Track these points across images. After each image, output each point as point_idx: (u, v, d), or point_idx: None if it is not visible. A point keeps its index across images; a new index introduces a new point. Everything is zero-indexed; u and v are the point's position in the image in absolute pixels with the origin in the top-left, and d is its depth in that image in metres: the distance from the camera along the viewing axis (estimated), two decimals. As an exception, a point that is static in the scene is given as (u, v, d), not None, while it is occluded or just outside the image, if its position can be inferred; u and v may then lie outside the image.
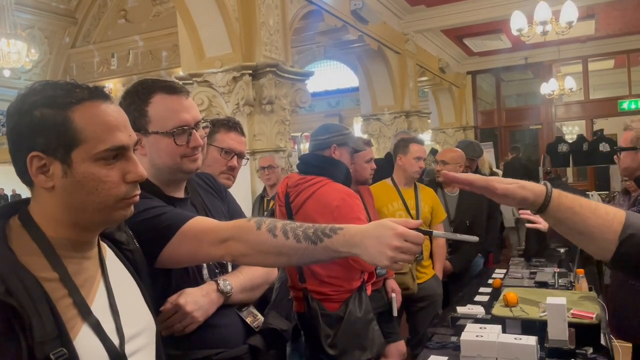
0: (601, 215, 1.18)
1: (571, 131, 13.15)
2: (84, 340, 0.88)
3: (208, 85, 4.32)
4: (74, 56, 10.07)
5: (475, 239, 1.18)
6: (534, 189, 1.19)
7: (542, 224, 2.47)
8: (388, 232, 1.08)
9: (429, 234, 1.14)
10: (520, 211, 2.63)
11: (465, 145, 4.21)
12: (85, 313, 0.90)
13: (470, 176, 1.20)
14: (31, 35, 9.11)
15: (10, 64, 7.91)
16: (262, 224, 1.18)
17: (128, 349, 0.95)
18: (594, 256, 1.24)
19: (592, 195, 6.94)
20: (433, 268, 3.40)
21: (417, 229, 1.10)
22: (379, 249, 1.08)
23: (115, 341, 0.93)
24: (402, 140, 3.58)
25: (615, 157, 2.47)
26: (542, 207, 1.18)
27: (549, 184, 1.21)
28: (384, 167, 3.50)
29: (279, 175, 4.04)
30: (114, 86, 9.57)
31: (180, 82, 2.29)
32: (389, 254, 1.08)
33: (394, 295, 2.88)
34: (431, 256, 3.42)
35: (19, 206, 0.96)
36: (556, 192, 1.19)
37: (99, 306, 0.94)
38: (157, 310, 1.28)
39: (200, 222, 1.26)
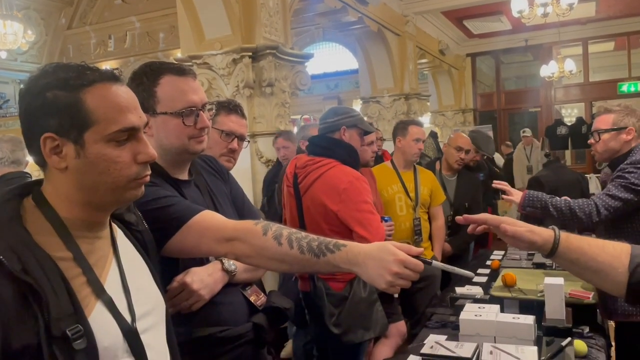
0: (609, 251, 1.22)
1: (570, 114, 13.13)
2: (98, 317, 0.91)
3: (208, 67, 4.31)
4: (70, 37, 9.96)
5: (471, 274, 1.24)
6: (542, 233, 1.24)
7: (514, 196, 2.51)
8: (390, 257, 1.12)
9: (428, 263, 1.18)
10: (495, 182, 2.66)
11: (484, 139, 4.11)
12: (99, 291, 0.93)
13: (484, 216, 1.28)
14: (27, 17, 8.98)
15: (7, 46, 7.84)
16: (268, 230, 1.21)
17: (140, 327, 0.97)
18: (612, 294, 1.27)
19: (590, 177, 6.97)
20: (432, 249, 3.43)
21: (417, 257, 1.14)
22: (379, 272, 1.12)
23: (128, 319, 0.95)
24: (401, 122, 3.61)
25: (591, 140, 2.50)
26: (552, 251, 1.23)
27: (557, 228, 1.24)
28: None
29: None
30: (111, 68, 9.50)
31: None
32: (387, 279, 1.12)
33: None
34: (430, 238, 3.45)
35: (32, 187, 0.97)
36: (564, 235, 1.23)
37: (111, 285, 0.96)
38: (166, 289, 1.31)
39: (207, 218, 1.28)
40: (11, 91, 9.69)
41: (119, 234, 1.06)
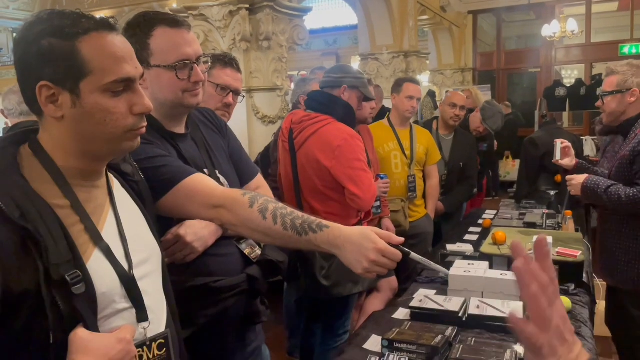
0: None
1: (570, 75, 13.00)
2: (96, 264, 0.93)
3: (204, 19, 4.22)
4: (63, -15, 9.68)
5: (446, 272, 1.28)
6: None
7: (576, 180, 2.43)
8: (370, 245, 1.15)
9: (407, 253, 1.21)
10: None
11: (492, 113, 3.99)
12: (97, 238, 0.95)
13: None
14: (18, -38, 8.72)
15: (-2, -7, 7.63)
16: (255, 202, 1.23)
17: (136, 274, 1.00)
18: None
19: (586, 140, 6.99)
20: (425, 207, 3.48)
21: (396, 247, 1.17)
22: (357, 258, 1.16)
23: (125, 266, 0.98)
24: (398, 79, 3.62)
25: (598, 103, 2.46)
26: None
27: None
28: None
29: None
30: (107, 17, 9.25)
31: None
32: (364, 265, 1.16)
33: (388, 233, 2.96)
34: (424, 196, 3.49)
35: (28, 135, 0.98)
36: None
37: (108, 233, 0.98)
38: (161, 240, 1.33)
39: (197, 182, 1.30)
40: (4, 40, 9.48)
41: (115, 184, 1.08)
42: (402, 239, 1.21)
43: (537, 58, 11.59)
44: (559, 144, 2.53)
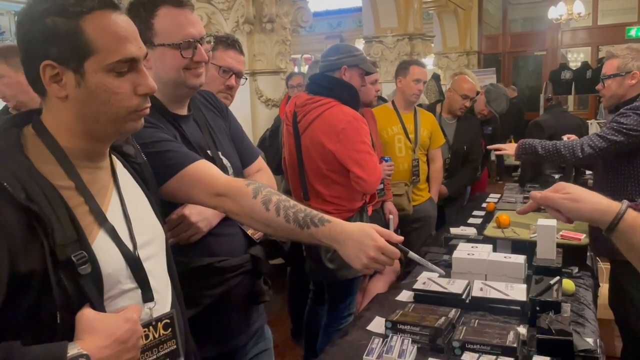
0: None
1: (576, 58, 12.87)
2: (101, 244, 0.93)
3: (207, 1, 4.19)
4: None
5: (441, 272, 1.34)
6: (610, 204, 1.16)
7: (509, 149, 2.67)
8: (370, 242, 1.17)
9: (405, 252, 1.24)
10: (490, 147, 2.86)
11: (497, 96, 3.89)
12: (101, 220, 0.95)
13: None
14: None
15: (0, -25, 7.58)
16: (258, 193, 1.24)
17: (141, 255, 1.00)
18: None
19: (591, 123, 6.94)
20: (429, 191, 3.47)
21: (395, 245, 1.19)
22: (357, 254, 1.18)
23: (130, 247, 0.98)
24: (403, 62, 3.58)
25: (598, 86, 2.50)
26: (611, 225, 1.12)
27: (625, 203, 1.14)
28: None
29: None
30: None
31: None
32: (364, 261, 1.18)
33: (391, 217, 2.97)
34: (428, 180, 3.49)
35: (31, 115, 0.97)
36: (633, 213, 1.12)
37: (113, 214, 0.98)
38: (165, 221, 1.34)
39: (201, 169, 1.30)
40: (6, 23, 9.43)
41: (119, 166, 1.07)
42: (401, 238, 1.23)
43: (543, 41, 11.48)
44: (565, 139, 2.56)
